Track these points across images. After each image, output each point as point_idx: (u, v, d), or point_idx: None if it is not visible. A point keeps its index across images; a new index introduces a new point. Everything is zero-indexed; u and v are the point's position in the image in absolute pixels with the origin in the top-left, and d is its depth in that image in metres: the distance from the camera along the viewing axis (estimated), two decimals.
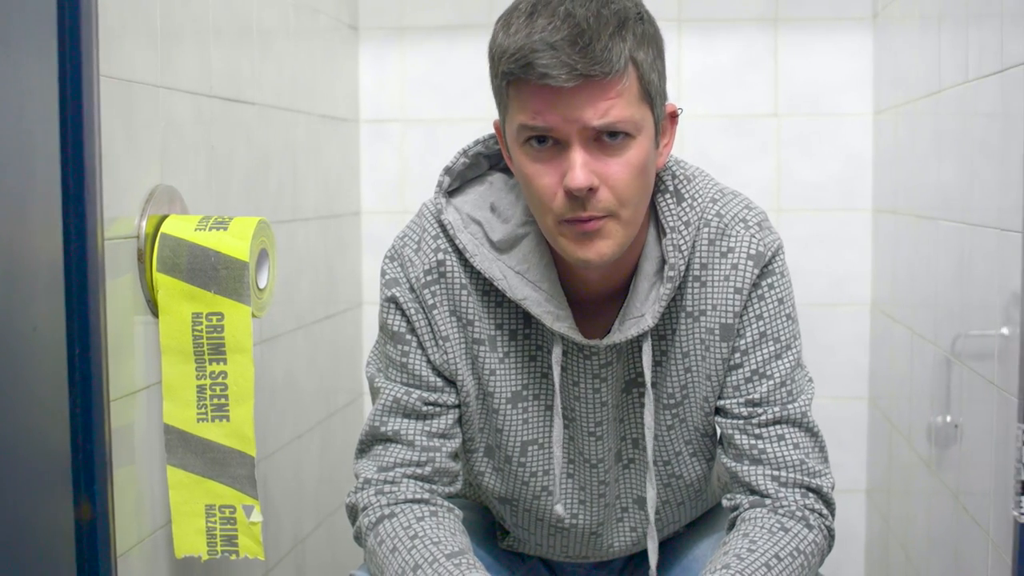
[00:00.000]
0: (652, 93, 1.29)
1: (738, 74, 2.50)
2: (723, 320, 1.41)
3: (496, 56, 1.28)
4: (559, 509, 1.47)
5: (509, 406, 1.44)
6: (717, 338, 1.41)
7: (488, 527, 1.64)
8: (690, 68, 2.51)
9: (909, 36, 2.14)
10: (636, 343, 1.41)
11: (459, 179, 1.45)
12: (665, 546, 1.63)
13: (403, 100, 2.57)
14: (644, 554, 1.60)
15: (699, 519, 1.64)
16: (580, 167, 1.25)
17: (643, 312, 1.38)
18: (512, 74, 1.25)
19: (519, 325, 1.42)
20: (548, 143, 1.27)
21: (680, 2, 2.48)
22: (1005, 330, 1.50)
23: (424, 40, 2.54)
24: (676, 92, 2.50)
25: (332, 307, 2.37)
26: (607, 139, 1.26)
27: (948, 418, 1.78)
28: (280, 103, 2.06)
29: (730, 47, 2.50)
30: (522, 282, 1.38)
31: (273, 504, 2.04)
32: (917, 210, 2.05)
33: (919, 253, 2.04)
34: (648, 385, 1.40)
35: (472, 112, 2.50)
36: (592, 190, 1.26)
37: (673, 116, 1.37)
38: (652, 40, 1.30)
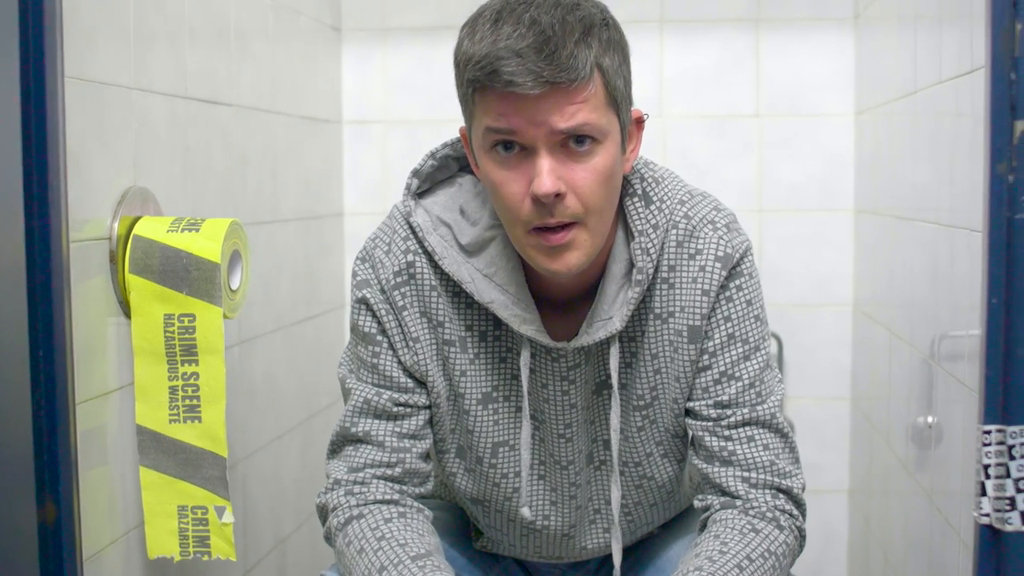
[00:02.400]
0: (618, 99, 1.29)
1: (720, 75, 2.50)
2: (691, 322, 1.41)
3: (462, 63, 1.28)
4: (525, 512, 1.47)
5: (479, 407, 1.45)
6: (685, 340, 1.41)
7: (462, 528, 1.64)
8: (672, 69, 2.51)
9: (888, 37, 2.14)
10: (605, 345, 1.42)
11: (428, 181, 1.46)
12: (639, 547, 1.63)
13: (386, 101, 2.57)
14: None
15: (672, 520, 1.65)
16: (547, 173, 1.25)
17: (611, 315, 1.39)
18: (478, 81, 1.25)
19: (489, 327, 1.43)
20: (515, 150, 1.27)
21: (662, 3, 2.49)
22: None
23: (407, 41, 2.55)
24: (658, 92, 2.51)
25: (314, 308, 2.38)
26: (574, 145, 1.26)
27: (926, 419, 1.78)
28: (259, 104, 2.06)
29: (712, 48, 2.50)
30: (490, 285, 1.38)
31: (253, 504, 2.05)
32: (896, 211, 2.05)
33: (898, 254, 2.04)
34: (615, 387, 1.40)
35: (455, 113, 2.46)
36: (559, 196, 1.26)
37: (639, 122, 1.37)
38: (617, 46, 1.30)
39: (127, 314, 1.55)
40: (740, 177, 2.52)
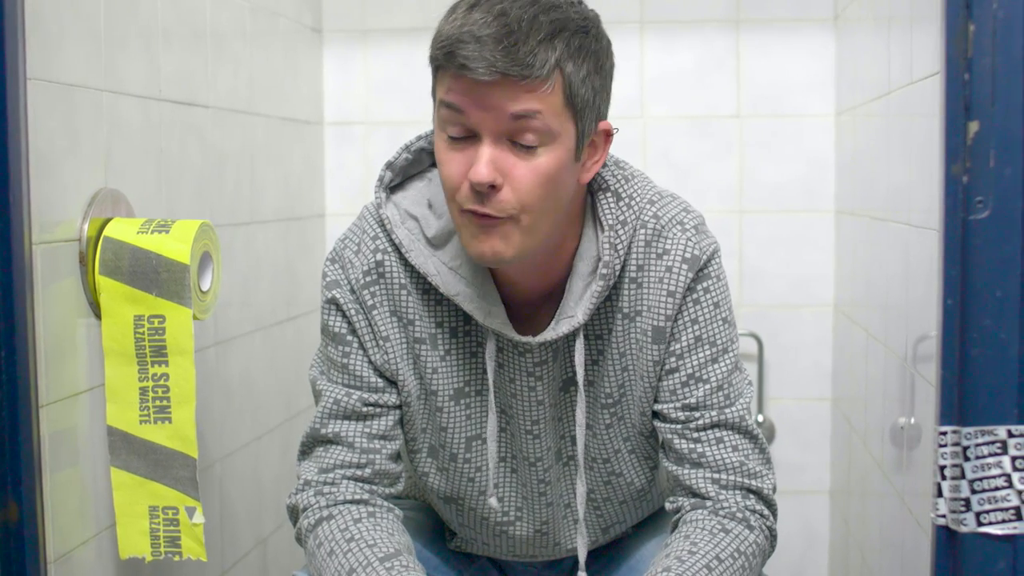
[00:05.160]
0: (578, 105, 1.28)
1: (700, 75, 2.50)
2: (655, 322, 1.41)
3: (432, 42, 1.29)
4: (493, 502, 1.48)
5: (452, 403, 1.45)
6: (649, 340, 1.42)
7: (436, 528, 1.65)
8: (652, 69, 2.51)
9: (866, 38, 2.14)
10: (571, 341, 1.42)
11: (401, 175, 1.46)
12: (613, 547, 1.64)
13: (367, 102, 2.57)
14: (593, 554, 1.61)
15: (647, 520, 1.65)
16: (485, 162, 1.25)
17: (575, 311, 1.39)
18: (437, 60, 1.27)
19: (459, 323, 1.43)
20: (465, 134, 1.28)
21: (642, 4, 2.49)
22: None
23: (388, 42, 2.55)
24: (638, 93, 2.51)
25: (294, 309, 2.38)
26: (519, 141, 1.26)
27: (903, 420, 1.78)
28: (236, 106, 2.06)
29: (692, 48, 2.50)
30: (455, 278, 1.39)
31: (230, 504, 2.05)
32: (874, 212, 2.06)
33: (877, 255, 2.04)
34: (580, 383, 1.41)
35: None
36: (495, 187, 1.26)
37: (608, 135, 1.36)
38: (591, 55, 1.29)
39: (97, 315, 1.55)
40: (721, 178, 2.52)
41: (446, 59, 1.25)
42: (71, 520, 1.51)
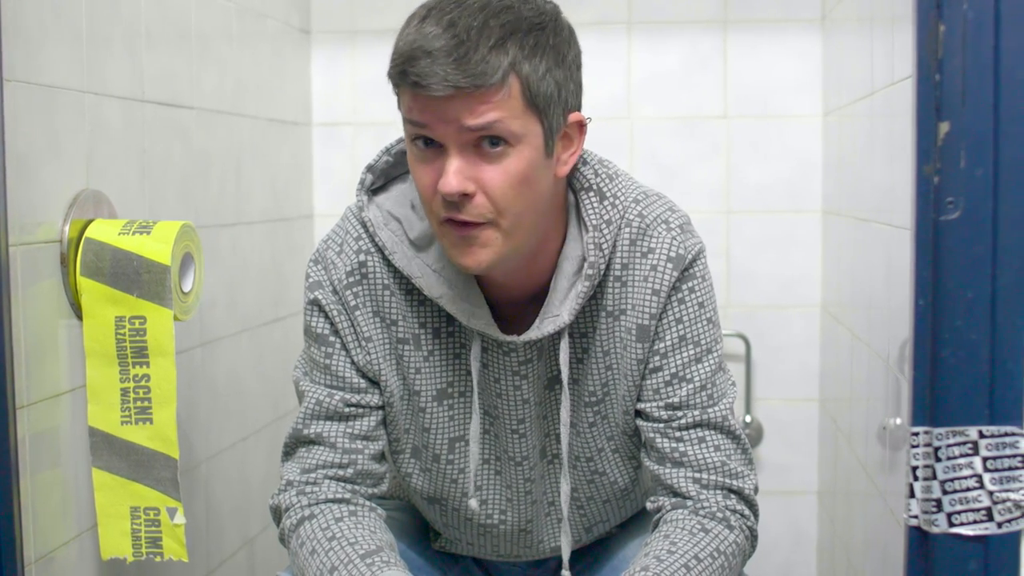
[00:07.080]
0: (540, 104, 1.27)
1: (688, 76, 2.50)
2: (640, 321, 1.41)
3: (391, 56, 1.29)
4: (473, 504, 1.48)
5: (435, 404, 1.45)
6: (633, 338, 1.42)
7: (420, 528, 1.65)
8: (640, 70, 2.51)
9: (851, 38, 2.15)
10: (556, 340, 1.42)
11: (383, 177, 1.46)
12: (596, 546, 1.64)
13: (355, 103, 2.58)
14: (577, 554, 1.61)
15: (630, 520, 1.65)
16: (453, 173, 1.25)
17: (560, 310, 1.39)
18: (393, 79, 1.28)
19: (442, 323, 1.44)
20: (433, 145, 1.28)
21: (630, 4, 2.49)
22: None
23: (376, 43, 2.55)
24: (626, 94, 2.51)
25: (282, 310, 2.38)
26: (487, 146, 1.26)
27: (888, 421, 1.79)
28: (222, 107, 2.06)
29: (679, 49, 2.50)
30: (439, 280, 1.39)
31: (216, 505, 2.05)
32: (858, 212, 2.06)
33: (862, 256, 2.04)
34: (565, 382, 1.41)
35: None
36: (467, 195, 1.26)
37: (581, 126, 1.35)
38: (550, 49, 1.27)
39: (79, 316, 1.55)
40: (708, 179, 2.52)
41: (400, 78, 1.25)
42: (52, 521, 1.51)
